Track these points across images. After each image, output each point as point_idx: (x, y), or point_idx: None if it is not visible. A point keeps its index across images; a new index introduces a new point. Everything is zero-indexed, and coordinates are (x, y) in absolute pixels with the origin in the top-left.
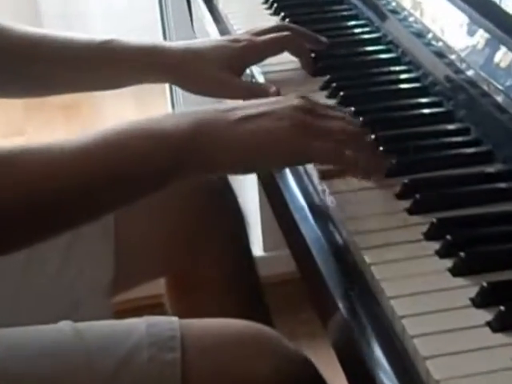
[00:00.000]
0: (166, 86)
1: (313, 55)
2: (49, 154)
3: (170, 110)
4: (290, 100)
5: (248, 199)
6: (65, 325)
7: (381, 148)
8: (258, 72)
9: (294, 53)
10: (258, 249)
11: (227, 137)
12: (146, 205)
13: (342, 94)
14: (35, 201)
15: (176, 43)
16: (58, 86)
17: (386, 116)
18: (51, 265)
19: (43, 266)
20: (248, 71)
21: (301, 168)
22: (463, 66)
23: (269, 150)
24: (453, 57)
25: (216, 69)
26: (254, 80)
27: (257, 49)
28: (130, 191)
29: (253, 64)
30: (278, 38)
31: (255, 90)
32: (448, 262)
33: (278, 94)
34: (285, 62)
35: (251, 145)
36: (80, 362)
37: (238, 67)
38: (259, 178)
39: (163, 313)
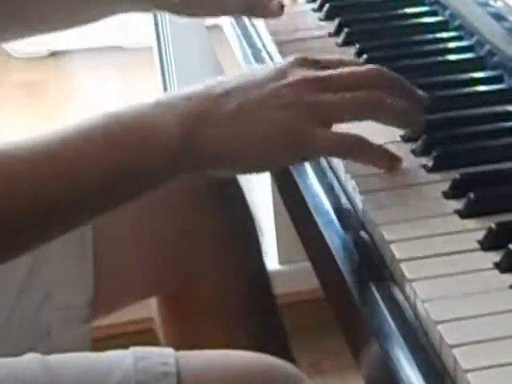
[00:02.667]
0: (156, 52)
1: (346, 30)
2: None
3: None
4: (292, 68)
5: (259, 201)
6: (31, 358)
7: (423, 136)
8: (269, 41)
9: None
10: (272, 261)
11: (220, 139)
12: (131, 210)
13: None
14: None
15: None
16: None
17: (431, 95)
18: (10, 290)
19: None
20: (260, 44)
21: (324, 162)
22: None
23: (273, 147)
24: None
25: None
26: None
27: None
28: (103, 201)
29: None
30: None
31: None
32: None
33: (280, 5)
34: (302, 28)
35: (250, 144)
36: None
37: None
38: (272, 174)
39: (154, 342)
